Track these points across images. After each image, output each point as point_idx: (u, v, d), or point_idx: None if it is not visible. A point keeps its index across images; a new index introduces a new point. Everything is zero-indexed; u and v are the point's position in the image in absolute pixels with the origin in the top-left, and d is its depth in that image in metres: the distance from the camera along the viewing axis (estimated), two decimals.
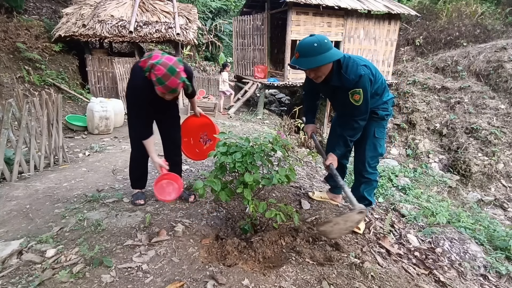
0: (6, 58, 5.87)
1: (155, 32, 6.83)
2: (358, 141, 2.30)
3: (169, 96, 2.06)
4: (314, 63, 1.86)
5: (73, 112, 6.08)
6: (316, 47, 1.83)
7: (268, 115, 8.19)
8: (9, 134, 2.92)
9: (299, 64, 1.91)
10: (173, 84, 1.94)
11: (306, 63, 1.88)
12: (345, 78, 1.97)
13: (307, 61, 1.87)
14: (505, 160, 6.94)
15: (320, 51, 1.83)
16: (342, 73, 1.97)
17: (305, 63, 1.89)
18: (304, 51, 1.87)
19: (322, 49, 1.83)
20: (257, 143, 2.04)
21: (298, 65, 1.91)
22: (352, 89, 1.98)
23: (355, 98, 1.99)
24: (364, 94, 1.97)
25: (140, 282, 1.62)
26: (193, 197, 2.58)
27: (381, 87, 2.19)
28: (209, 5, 13.40)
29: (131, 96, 2.15)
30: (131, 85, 2.15)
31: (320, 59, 1.84)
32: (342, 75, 1.98)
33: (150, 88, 2.03)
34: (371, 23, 7.93)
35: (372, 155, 2.35)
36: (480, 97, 8.22)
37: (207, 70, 12.41)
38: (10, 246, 1.82)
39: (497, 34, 10.32)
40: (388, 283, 1.78)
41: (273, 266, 1.84)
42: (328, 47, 1.86)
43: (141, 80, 2.03)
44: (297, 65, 1.92)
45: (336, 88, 2.08)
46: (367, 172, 2.38)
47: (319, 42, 1.83)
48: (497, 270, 2.48)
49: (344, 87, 2.01)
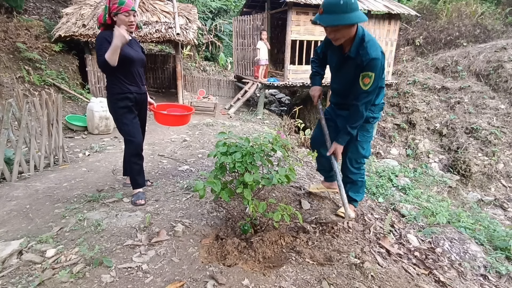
0: (6, 58, 5.87)
1: (155, 32, 6.83)
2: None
3: (134, 18, 2.30)
4: (337, 20, 1.77)
5: (73, 112, 6.08)
6: (342, 5, 1.73)
7: (268, 115, 8.19)
8: (9, 134, 2.92)
9: (322, 20, 1.82)
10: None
11: (329, 20, 1.79)
12: (365, 52, 1.88)
13: (330, 18, 1.78)
14: (505, 160, 6.94)
15: (345, 9, 1.74)
16: (364, 45, 1.88)
17: (328, 20, 1.79)
18: (329, 7, 1.77)
19: (348, 8, 1.74)
20: (257, 143, 2.04)
21: (320, 21, 1.83)
22: (365, 68, 1.90)
23: (364, 81, 1.91)
24: (374, 80, 1.90)
25: (140, 282, 1.62)
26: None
27: (377, 88, 2.13)
28: (209, 5, 13.40)
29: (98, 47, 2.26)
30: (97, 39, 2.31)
31: (344, 18, 1.75)
32: (363, 48, 1.88)
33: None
34: (371, 23, 7.92)
35: (355, 158, 2.35)
36: (480, 97, 8.22)
37: (207, 70, 12.41)
38: (10, 246, 1.82)
39: (497, 34, 10.32)
40: (388, 283, 1.78)
41: (273, 266, 1.84)
42: (354, 7, 1.75)
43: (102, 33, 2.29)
44: (319, 21, 1.83)
45: (349, 61, 2.00)
46: (351, 173, 2.40)
47: (345, 1, 1.72)
48: (497, 270, 2.48)
49: (358, 62, 1.93)
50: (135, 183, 2.58)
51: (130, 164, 2.54)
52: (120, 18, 2.26)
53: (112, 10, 2.25)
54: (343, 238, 2.21)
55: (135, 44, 2.53)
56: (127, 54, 2.34)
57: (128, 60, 2.36)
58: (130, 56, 2.36)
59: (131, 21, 2.30)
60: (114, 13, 2.25)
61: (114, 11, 2.24)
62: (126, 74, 2.41)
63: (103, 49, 2.23)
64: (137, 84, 2.51)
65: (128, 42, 2.20)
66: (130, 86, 2.46)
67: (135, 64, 2.46)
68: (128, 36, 2.21)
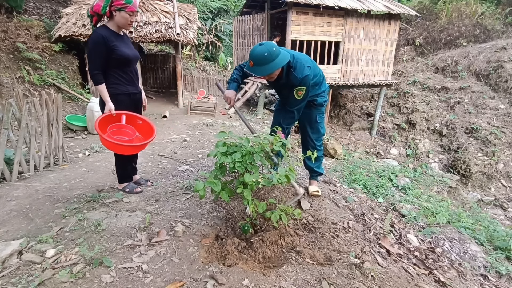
0: (6, 58, 5.87)
1: (155, 32, 6.83)
2: (304, 127, 2.75)
3: (134, 18, 2.31)
4: (267, 70, 2.13)
5: (73, 112, 6.08)
6: (267, 56, 2.08)
7: (268, 115, 8.18)
8: (9, 134, 2.92)
9: (254, 72, 2.20)
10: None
11: (260, 71, 2.16)
12: (293, 76, 2.28)
13: (261, 69, 2.14)
14: (505, 160, 6.94)
15: (270, 59, 2.09)
16: (292, 71, 2.28)
17: (260, 71, 2.16)
18: (257, 61, 2.12)
19: (272, 57, 2.09)
20: (257, 143, 2.04)
21: (253, 72, 2.22)
22: (297, 86, 2.30)
23: (298, 93, 2.34)
24: (306, 91, 2.33)
25: (140, 282, 1.62)
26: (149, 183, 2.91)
27: (319, 79, 2.52)
28: (209, 5, 13.40)
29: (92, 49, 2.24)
30: (92, 38, 2.24)
31: (272, 66, 2.11)
32: (291, 73, 2.28)
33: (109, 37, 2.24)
34: (371, 23, 7.92)
35: (316, 137, 2.76)
36: (480, 97, 8.22)
37: (207, 70, 12.40)
38: (10, 246, 1.82)
39: (497, 34, 10.32)
40: (388, 283, 1.78)
41: (273, 266, 1.84)
42: (276, 54, 2.11)
43: (99, 32, 2.23)
44: (252, 72, 2.23)
45: (284, 85, 2.40)
46: (317, 150, 2.71)
47: (268, 52, 2.07)
48: (497, 270, 2.48)
49: (291, 84, 2.32)
50: (123, 178, 2.67)
51: (122, 162, 2.60)
52: (122, 16, 2.23)
53: (115, 4, 2.19)
54: (343, 238, 2.21)
55: (128, 40, 2.49)
56: (124, 53, 2.31)
57: (125, 59, 2.34)
58: (126, 56, 2.34)
59: (132, 21, 2.30)
60: (117, 8, 2.20)
61: (118, 6, 2.19)
62: (123, 74, 2.39)
63: (97, 58, 2.21)
64: (134, 84, 2.50)
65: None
66: (128, 86, 2.44)
67: (132, 63, 2.44)
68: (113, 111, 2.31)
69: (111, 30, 2.29)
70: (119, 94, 2.39)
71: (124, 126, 2.43)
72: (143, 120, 2.56)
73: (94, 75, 2.25)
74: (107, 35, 2.22)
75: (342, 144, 8.05)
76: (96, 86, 2.28)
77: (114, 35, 2.29)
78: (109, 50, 2.24)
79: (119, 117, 2.41)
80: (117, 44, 2.27)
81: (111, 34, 2.27)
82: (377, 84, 8.50)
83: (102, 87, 2.28)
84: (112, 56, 2.27)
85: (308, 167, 2.89)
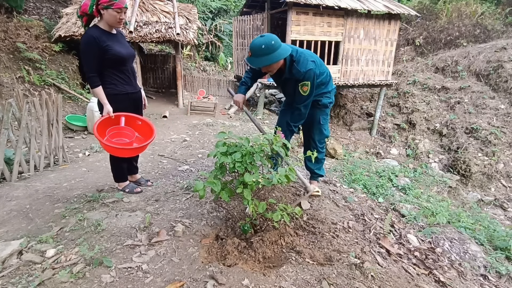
0: (6, 58, 5.87)
1: (155, 32, 6.83)
2: (306, 128, 2.70)
3: (124, 15, 2.23)
4: (264, 62, 2.12)
5: (73, 112, 6.08)
6: (263, 48, 2.06)
7: (268, 115, 8.19)
8: (9, 134, 2.92)
9: (251, 62, 2.18)
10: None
11: (257, 62, 2.14)
12: (297, 71, 2.24)
13: (258, 60, 2.13)
14: (505, 160, 6.94)
15: (267, 51, 2.07)
16: (295, 65, 2.25)
17: (256, 62, 2.15)
18: (255, 52, 2.11)
19: (269, 50, 2.07)
20: (257, 143, 2.04)
21: (250, 63, 2.20)
22: (301, 81, 2.27)
23: (303, 89, 2.29)
24: (311, 86, 2.28)
25: (140, 282, 1.62)
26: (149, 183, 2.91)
27: (326, 78, 2.48)
28: (209, 5, 13.40)
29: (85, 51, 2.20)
30: (83, 40, 2.20)
31: (269, 58, 2.10)
32: (295, 67, 2.25)
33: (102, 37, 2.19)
34: (371, 23, 7.92)
35: (318, 139, 2.72)
36: (480, 97, 8.22)
37: (207, 70, 12.41)
38: (10, 246, 1.81)
39: (497, 34, 10.32)
40: (388, 283, 1.78)
41: (273, 266, 1.84)
42: (275, 47, 2.08)
43: (89, 33, 2.18)
44: (250, 63, 2.20)
45: (288, 80, 2.38)
46: (318, 153, 2.68)
47: (266, 44, 2.06)
48: (497, 270, 2.48)
49: (295, 79, 2.29)
50: (118, 177, 2.67)
51: (117, 162, 2.60)
52: (110, 14, 2.16)
53: (102, 2, 2.13)
54: (343, 238, 2.21)
55: (122, 38, 2.41)
56: (117, 53, 2.24)
57: (120, 59, 2.28)
58: (121, 55, 2.27)
59: (121, 19, 2.22)
60: (104, 6, 2.14)
61: (105, 4, 2.13)
62: (120, 74, 2.34)
63: (91, 60, 2.17)
64: (131, 83, 2.44)
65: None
66: (126, 85, 2.39)
67: (127, 62, 2.37)
68: (112, 114, 2.28)
69: (103, 29, 2.23)
70: (117, 94, 2.35)
71: (123, 128, 2.40)
72: (142, 121, 2.53)
73: (90, 77, 2.21)
74: (98, 35, 2.17)
75: (342, 144, 8.05)
76: (92, 89, 2.25)
77: (106, 34, 2.23)
78: (102, 51, 2.18)
79: (118, 119, 2.38)
80: (110, 44, 2.21)
81: (102, 33, 2.21)
82: (377, 84, 8.50)
83: (99, 90, 2.24)
84: (106, 57, 2.21)
85: (309, 168, 2.87)
